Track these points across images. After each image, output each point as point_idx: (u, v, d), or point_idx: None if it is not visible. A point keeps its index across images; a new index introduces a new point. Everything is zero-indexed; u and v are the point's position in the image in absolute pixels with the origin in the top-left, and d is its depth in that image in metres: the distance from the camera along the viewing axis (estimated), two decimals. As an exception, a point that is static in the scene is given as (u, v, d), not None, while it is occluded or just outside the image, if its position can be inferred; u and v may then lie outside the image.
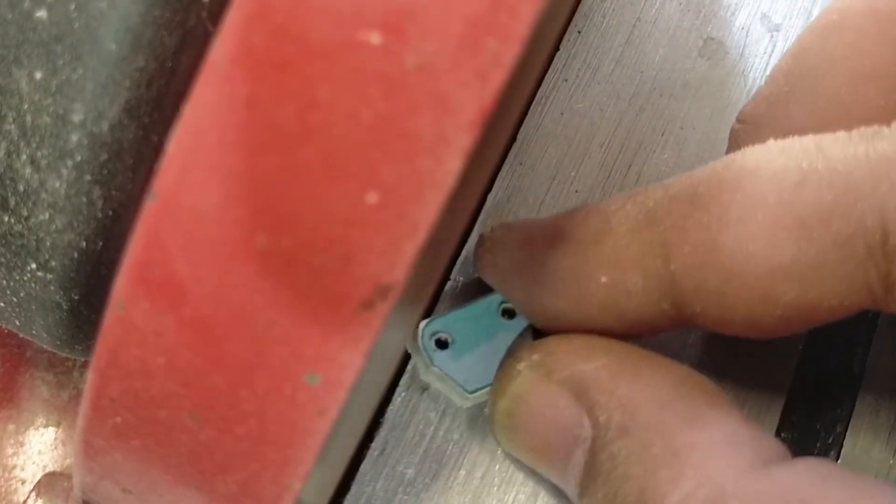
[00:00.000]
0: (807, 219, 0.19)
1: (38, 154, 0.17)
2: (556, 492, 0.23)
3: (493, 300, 0.24)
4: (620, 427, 0.20)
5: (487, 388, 0.23)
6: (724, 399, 0.20)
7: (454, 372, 0.24)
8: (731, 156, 0.21)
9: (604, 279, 0.21)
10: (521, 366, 0.22)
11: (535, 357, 0.22)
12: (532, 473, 0.23)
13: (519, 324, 0.24)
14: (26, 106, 0.17)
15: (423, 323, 0.24)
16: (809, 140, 0.20)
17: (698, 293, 0.20)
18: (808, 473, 0.18)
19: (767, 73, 0.28)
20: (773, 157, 0.20)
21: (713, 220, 0.20)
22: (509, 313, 0.24)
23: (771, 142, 0.21)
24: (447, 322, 0.24)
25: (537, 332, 0.23)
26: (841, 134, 0.20)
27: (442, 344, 0.24)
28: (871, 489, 0.18)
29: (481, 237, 0.24)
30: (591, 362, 0.21)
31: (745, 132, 0.24)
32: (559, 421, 0.21)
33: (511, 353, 0.23)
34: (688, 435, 0.19)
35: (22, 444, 0.30)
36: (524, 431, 0.22)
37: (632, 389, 0.20)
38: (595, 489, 0.20)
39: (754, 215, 0.20)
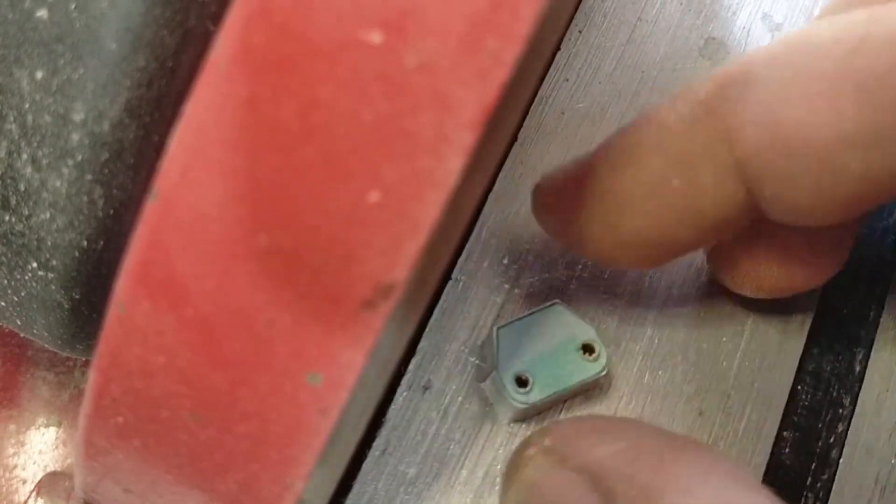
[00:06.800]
0: (865, 84, 0.19)
1: (39, 153, 0.17)
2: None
3: (570, 339, 0.24)
4: None
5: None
6: (750, 479, 0.19)
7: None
8: (779, 38, 0.20)
9: (676, 182, 0.20)
10: (533, 451, 0.20)
11: (547, 442, 0.20)
12: None
13: (598, 364, 0.23)
14: (27, 105, 0.17)
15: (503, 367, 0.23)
16: (860, 12, 0.20)
17: (766, 174, 0.20)
18: None
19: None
20: (824, 29, 0.20)
21: (773, 98, 0.20)
22: (589, 349, 0.24)
23: (818, 20, 0.20)
24: (528, 363, 0.24)
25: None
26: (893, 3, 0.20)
27: (522, 383, 0.23)
28: None
29: (537, 186, 0.23)
30: (607, 447, 0.19)
31: None
32: None
33: (523, 441, 0.22)
34: None
35: (23, 444, 0.30)
36: None
37: (653, 477, 0.19)
38: None
39: (815, 86, 0.19)
